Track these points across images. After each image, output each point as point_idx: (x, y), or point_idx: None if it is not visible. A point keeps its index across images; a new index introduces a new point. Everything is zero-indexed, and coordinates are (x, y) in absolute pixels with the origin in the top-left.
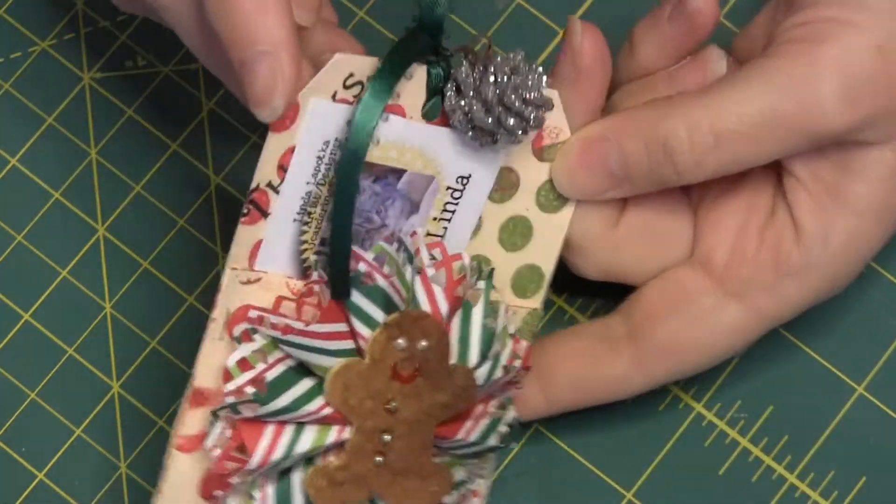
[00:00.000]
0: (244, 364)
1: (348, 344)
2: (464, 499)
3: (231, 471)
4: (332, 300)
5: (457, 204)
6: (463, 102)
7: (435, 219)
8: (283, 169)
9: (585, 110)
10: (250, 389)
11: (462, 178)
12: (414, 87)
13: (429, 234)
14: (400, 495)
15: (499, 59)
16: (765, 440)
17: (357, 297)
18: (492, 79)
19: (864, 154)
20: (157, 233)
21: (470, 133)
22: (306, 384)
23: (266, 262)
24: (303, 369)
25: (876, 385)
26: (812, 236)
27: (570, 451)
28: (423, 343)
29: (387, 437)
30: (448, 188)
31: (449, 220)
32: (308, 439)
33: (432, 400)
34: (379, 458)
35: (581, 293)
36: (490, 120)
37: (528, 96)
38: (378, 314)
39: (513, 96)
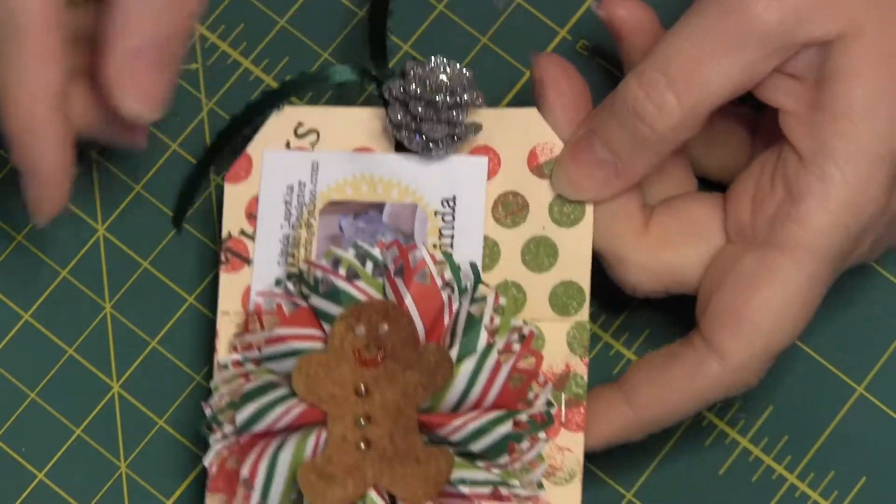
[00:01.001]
0: (226, 383)
1: (320, 345)
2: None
3: (228, 486)
4: (302, 309)
5: (452, 228)
6: (399, 116)
7: (435, 246)
8: (252, 217)
9: (569, 122)
10: (227, 400)
11: (447, 200)
12: (377, 127)
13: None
14: (400, 482)
15: (417, 69)
16: (765, 440)
17: (319, 301)
18: (412, 86)
19: (831, 55)
20: (157, 233)
21: (415, 142)
22: (279, 392)
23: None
24: (283, 384)
25: (876, 385)
26: (811, 153)
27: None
28: (385, 326)
29: (363, 422)
30: (436, 213)
31: (451, 246)
32: (291, 443)
33: (405, 380)
34: (363, 446)
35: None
36: (421, 119)
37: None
38: (340, 312)
39: (433, 96)
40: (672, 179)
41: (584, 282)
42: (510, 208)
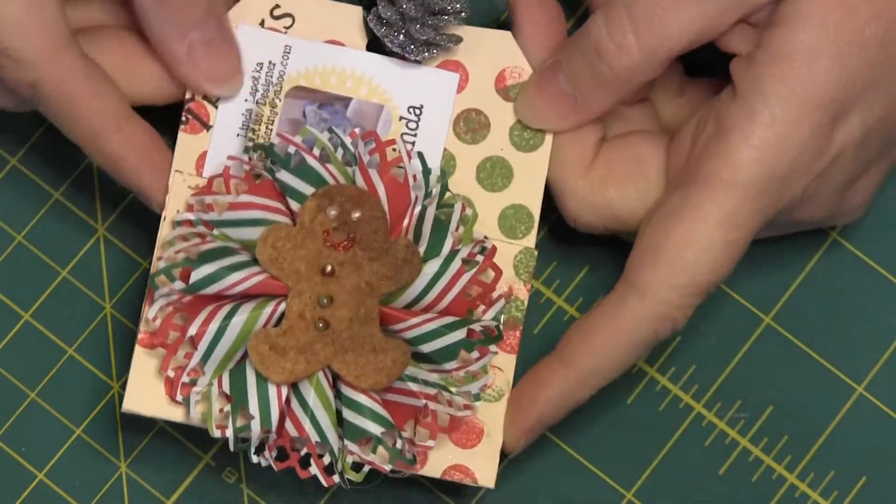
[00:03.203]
0: (182, 240)
1: (284, 219)
2: (421, 413)
3: (173, 344)
4: (266, 181)
5: (414, 136)
6: (388, 13)
7: (395, 150)
8: None
9: (541, 46)
10: (182, 256)
11: (413, 108)
12: (351, 25)
13: None
14: (352, 368)
15: None
16: (765, 440)
17: (287, 176)
18: None
19: (785, 3)
20: (156, 233)
21: (397, 42)
22: (239, 258)
23: (212, 171)
24: (239, 251)
25: (876, 385)
26: (744, 90)
27: (570, 452)
28: (357, 213)
29: (325, 301)
30: (401, 118)
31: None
32: (245, 310)
33: (371, 269)
34: (321, 325)
35: (581, 292)
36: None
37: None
38: (309, 191)
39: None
40: (633, 123)
41: (535, 208)
42: (472, 125)
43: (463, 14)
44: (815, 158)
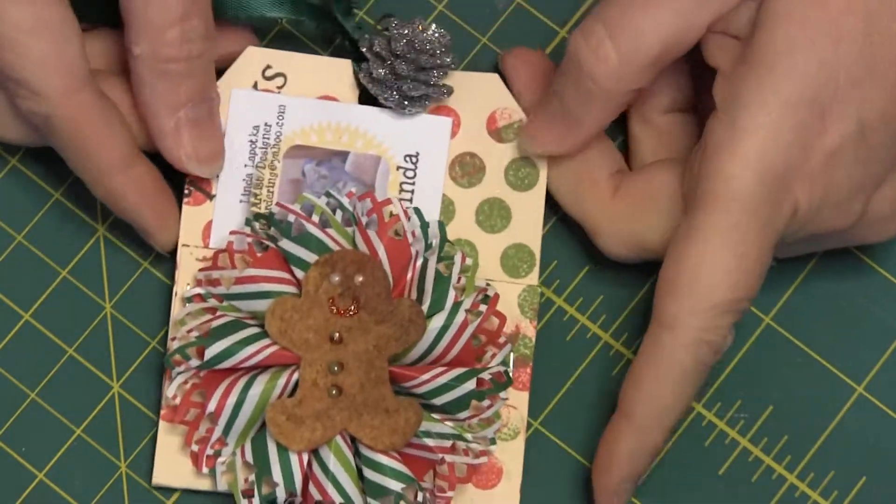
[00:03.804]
0: (193, 317)
1: (290, 289)
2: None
3: (194, 420)
4: (271, 250)
5: (413, 184)
6: (381, 71)
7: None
8: None
9: (530, 83)
10: (195, 334)
11: (410, 156)
12: (342, 79)
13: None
14: (368, 430)
15: (402, 28)
16: (765, 440)
17: (289, 245)
18: (399, 44)
19: (762, 5)
20: None
21: (391, 99)
22: (250, 331)
23: (218, 239)
24: (250, 322)
25: (876, 385)
26: (726, 104)
27: (570, 451)
28: (360, 278)
29: (336, 368)
30: (399, 167)
31: (410, 202)
32: (261, 381)
33: (378, 332)
34: (334, 392)
35: (581, 294)
36: (392, 71)
37: (419, 46)
38: (312, 258)
39: (407, 48)
40: (671, 134)
41: (535, 245)
42: (467, 169)
43: (452, 67)
44: (808, 157)
